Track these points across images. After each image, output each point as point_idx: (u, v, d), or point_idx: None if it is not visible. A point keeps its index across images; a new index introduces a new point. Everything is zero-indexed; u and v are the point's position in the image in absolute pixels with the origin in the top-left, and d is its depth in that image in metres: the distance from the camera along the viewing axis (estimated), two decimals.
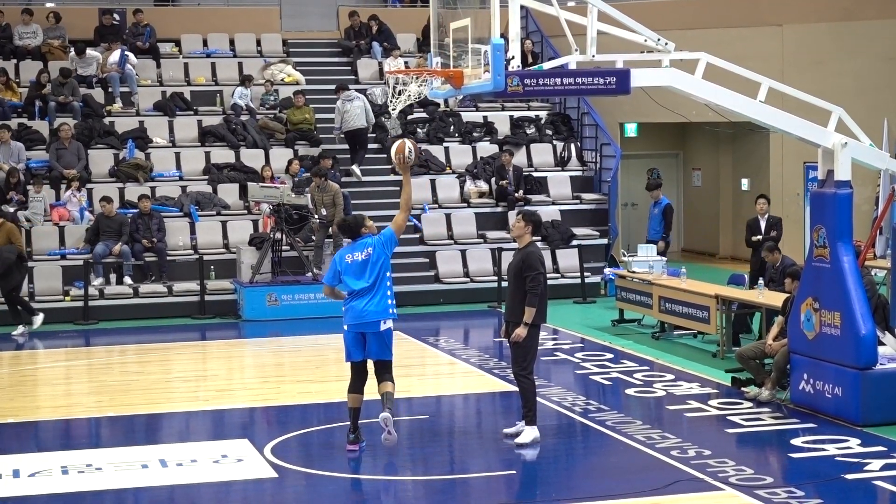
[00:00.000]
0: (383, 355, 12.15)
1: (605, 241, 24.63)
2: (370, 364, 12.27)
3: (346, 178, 24.41)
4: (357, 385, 12.26)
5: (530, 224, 12.47)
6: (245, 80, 26.09)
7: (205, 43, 28.04)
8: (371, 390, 12.25)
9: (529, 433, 12.35)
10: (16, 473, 11.70)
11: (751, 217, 20.20)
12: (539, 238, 23.47)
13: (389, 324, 12.08)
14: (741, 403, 13.97)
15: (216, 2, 29.68)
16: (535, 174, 25.68)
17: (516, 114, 27.17)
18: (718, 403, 14.09)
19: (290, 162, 24.24)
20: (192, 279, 22.11)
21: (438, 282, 23.25)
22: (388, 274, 12.09)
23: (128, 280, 22.01)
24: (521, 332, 12.16)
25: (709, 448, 12.08)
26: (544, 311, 12.34)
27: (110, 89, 25.75)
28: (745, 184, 28.83)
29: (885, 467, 11.28)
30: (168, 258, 22.32)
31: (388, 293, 12.08)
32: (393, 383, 12.18)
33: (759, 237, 19.41)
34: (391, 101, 13.85)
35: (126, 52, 25.97)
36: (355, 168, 25.07)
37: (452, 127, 26.45)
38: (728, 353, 16.65)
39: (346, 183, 24.49)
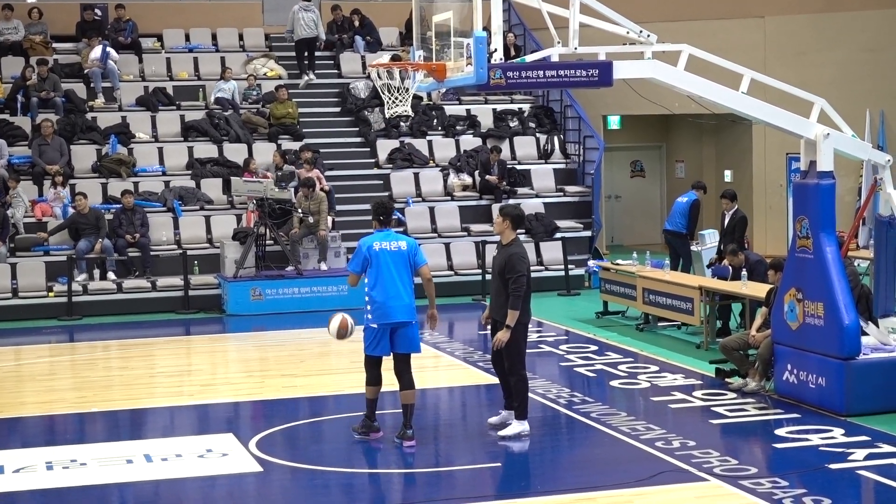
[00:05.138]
0: (414, 348, 12.29)
1: (588, 233, 24.67)
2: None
3: (300, 93, 24.44)
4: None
5: (509, 219, 12.42)
6: (223, 74, 26.09)
7: (187, 38, 28.00)
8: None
9: (517, 426, 12.37)
10: (0, 469, 11.67)
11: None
12: (523, 231, 23.57)
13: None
14: (725, 394, 14.00)
15: None
16: (519, 167, 25.69)
17: (499, 107, 27.18)
18: (703, 394, 14.12)
19: (274, 155, 24.16)
20: (175, 274, 22.08)
21: None
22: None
23: (111, 275, 21.96)
24: (502, 336, 12.14)
25: (693, 439, 12.10)
26: (529, 309, 12.35)
27: (92, 85, 25.68)
28: (728, 175, 28.87)
29: (868, 457, 11.32)
30: (151, 253, 22.28)
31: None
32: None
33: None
34: (388, 107, 13.90)
35: (108, 48, 25.90)
36: (310, 75, 26.99)
37: (436, 120, 26.45)
38: (712, 345, 16.68)
39: (300, 93, 26.71)
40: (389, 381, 12.42)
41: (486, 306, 12.86)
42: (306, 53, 27.07)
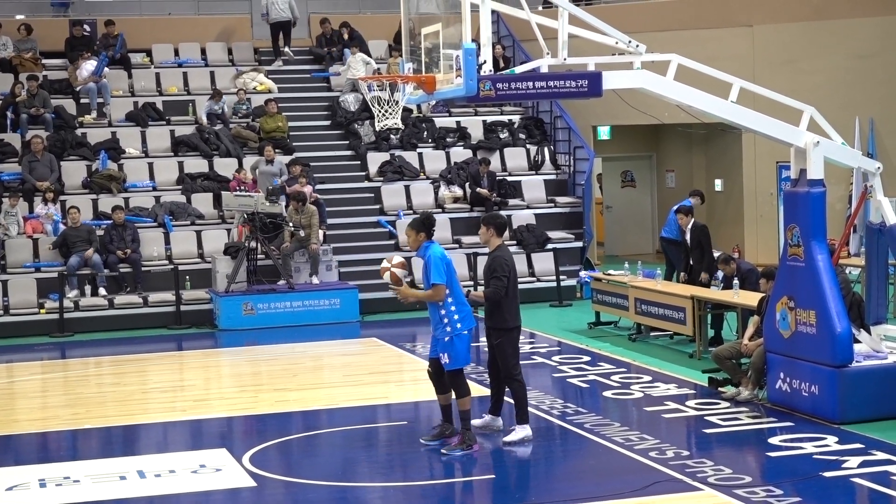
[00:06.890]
0: None
1: (580, 244, 24.65)
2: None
3: (290, 107, 24.42)
4: None
5: (492, 227, 12.54)
6: (214, 95, 26.04)
7: (176, 52, 28.00)
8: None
9: (520, 432, 12.45)
10: None
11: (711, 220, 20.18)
12: (514, 242, 23.59)
13: None
14: (718, 403, 13.99)
15: (187, 11, 29.60)
16: (509, 178, 25.69)
17: (489, 118, 27.18)
18: (696, 404, 14.11)
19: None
20: (167, 289, 22.04)
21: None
22: None
23: (103, 291, 21.92)
24: (473, 295, 12.72)
25: (687, 448, 12.11)
26: (517, 313, 12.43)
27: (86, 100, 25.65)
28: (718, 184, 28.91)
29: (862, 464, 11.31)
30: (143, 269, 22.24)
31: None
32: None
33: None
34: (378, 120, 13.91)
35: (106, 57, 25.92)
36: (286, 52, 28.05)
37: (426, 132, 26.46)
38: (705, 354, 16.68)
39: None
40: (378, 395, 12.40)
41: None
42: (282, 37, 27.99)
